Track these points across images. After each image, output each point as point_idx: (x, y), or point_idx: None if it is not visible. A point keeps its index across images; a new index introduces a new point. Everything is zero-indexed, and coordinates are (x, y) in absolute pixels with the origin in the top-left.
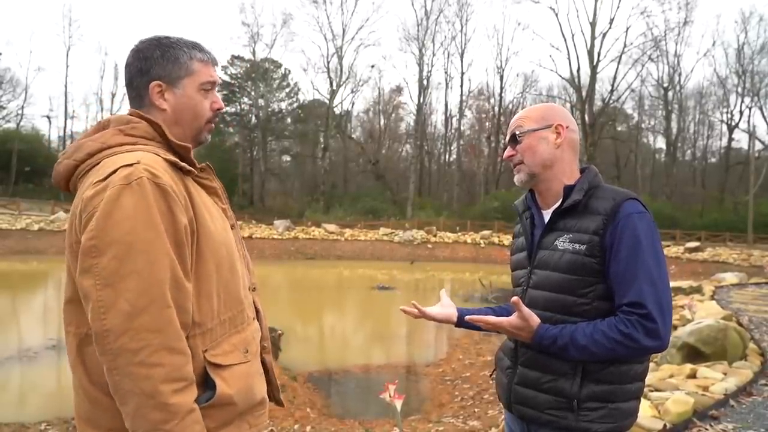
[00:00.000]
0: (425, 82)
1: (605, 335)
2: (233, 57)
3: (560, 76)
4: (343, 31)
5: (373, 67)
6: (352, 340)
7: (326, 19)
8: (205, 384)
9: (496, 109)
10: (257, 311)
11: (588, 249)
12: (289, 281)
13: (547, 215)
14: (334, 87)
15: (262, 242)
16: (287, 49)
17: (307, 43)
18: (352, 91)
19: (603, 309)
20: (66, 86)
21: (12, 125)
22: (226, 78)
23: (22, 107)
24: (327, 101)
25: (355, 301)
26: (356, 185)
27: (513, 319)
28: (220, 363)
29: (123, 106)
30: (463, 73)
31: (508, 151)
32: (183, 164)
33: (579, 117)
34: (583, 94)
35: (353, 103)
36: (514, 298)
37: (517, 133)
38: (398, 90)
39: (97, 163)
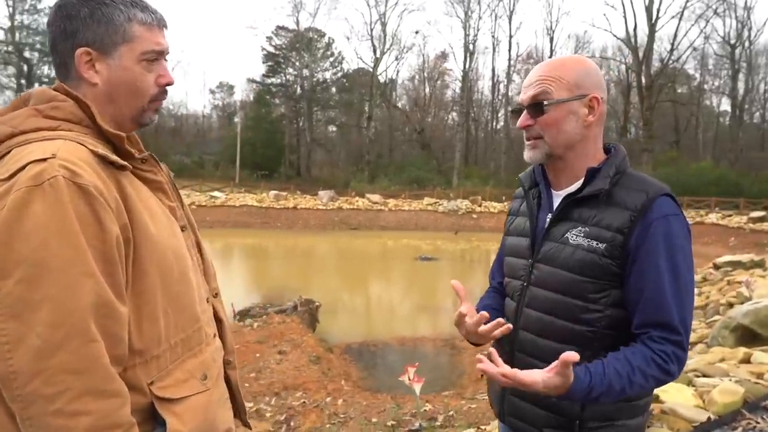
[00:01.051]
0: (471, 46)
1: (643, 374)
2: (278, 27)
3: (615, 36)
4: None
5: (417, 33)
6: (393, 311)
7: None
8: (154, 419)
9: None
10: (220, 322)
11: (608, 249)
12: (333, 252)
13: (557, 198)
14: (378, 55)
15: (306, 213)
16: (330, 18)
17: (350, 11)
18: (396, 59)
19: (616, 318)
20: None
21: None
22: (271, 49)
23: None
24: (371, 69)
25: (397, 272)
26: (402, 154)
27: (552, 376)
28: (170, 397)
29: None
30: (511, 36)
31: (525, 119)
32: (114, 158)
33: (635, 79)
34: (640, 54)
35: (398, 71)
36: (569, 356)
37: (545, 102)
38: (443, 56)
39: (7, 153)
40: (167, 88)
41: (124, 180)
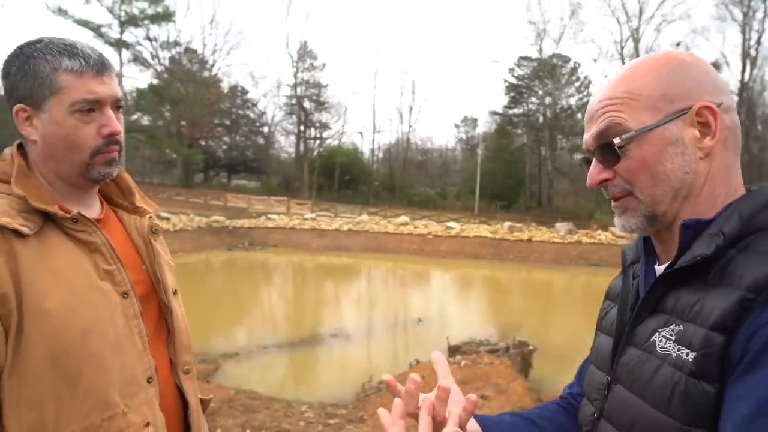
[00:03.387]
0: (754, 51)
1: None
2: (520, 58)
3: None
4: (640, 10)
5: (678, 44)
6: None
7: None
8: None
9: None
10: (186, 405)
11: (699, 361)
12: (567, 289)
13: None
14: None
15: (541, 246)
16: (576, 41)
17: (598, 31)
18: None
19: None
20: (374, 105)
21: (336, 142)
22: (513, 80)
23: (343, 126)
24: None
25: None
26: None
27: None
28: None
29: (420, 118)
30: None
31: (597, 173)
32: (4, 221)
33: None
34: None
35: None
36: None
37: (616, 141)
38: (715, 66)
39: None
40: (113, 137)
41: (21, 245)
